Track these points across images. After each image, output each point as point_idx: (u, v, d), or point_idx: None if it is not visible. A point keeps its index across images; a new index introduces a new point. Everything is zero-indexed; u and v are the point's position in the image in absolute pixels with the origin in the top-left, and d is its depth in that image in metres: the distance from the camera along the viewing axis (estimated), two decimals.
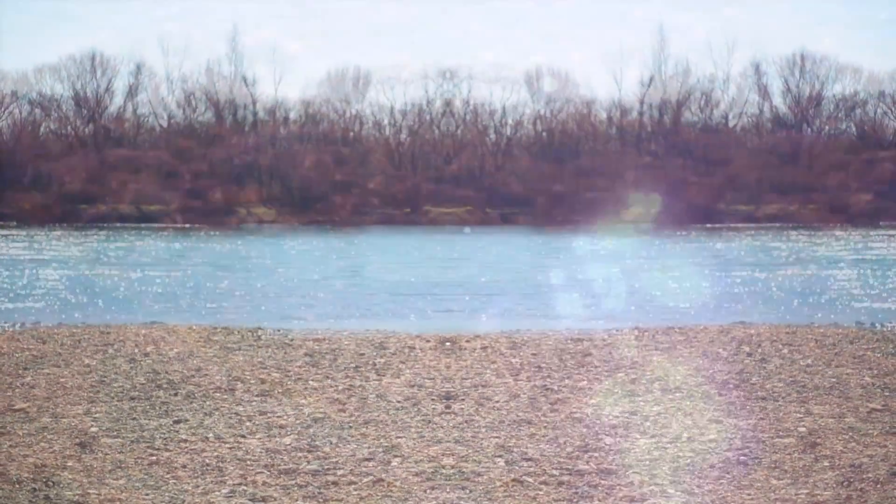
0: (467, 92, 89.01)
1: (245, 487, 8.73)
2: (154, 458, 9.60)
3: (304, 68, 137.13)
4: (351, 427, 10.85)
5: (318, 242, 58.16)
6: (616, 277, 34.14)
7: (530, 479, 8.94)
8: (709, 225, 79.64)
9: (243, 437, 10.44)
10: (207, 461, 9.49)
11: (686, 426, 10.87)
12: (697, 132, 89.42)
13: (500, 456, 9.68)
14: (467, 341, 17.06)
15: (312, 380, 13.63)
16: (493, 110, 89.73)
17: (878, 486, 8.73)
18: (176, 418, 11.26)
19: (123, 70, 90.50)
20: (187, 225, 79.73)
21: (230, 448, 9.97)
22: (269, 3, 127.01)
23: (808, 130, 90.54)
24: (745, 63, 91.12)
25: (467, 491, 8.66)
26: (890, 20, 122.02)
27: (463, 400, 12.24)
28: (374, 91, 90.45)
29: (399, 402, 12.15)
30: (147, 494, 8.52)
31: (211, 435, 10.49)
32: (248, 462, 9.48)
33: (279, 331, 19.04)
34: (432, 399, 12.29)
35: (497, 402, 12.15)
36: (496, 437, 10.39)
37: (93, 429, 10.72)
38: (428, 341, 17.07)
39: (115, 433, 10.55)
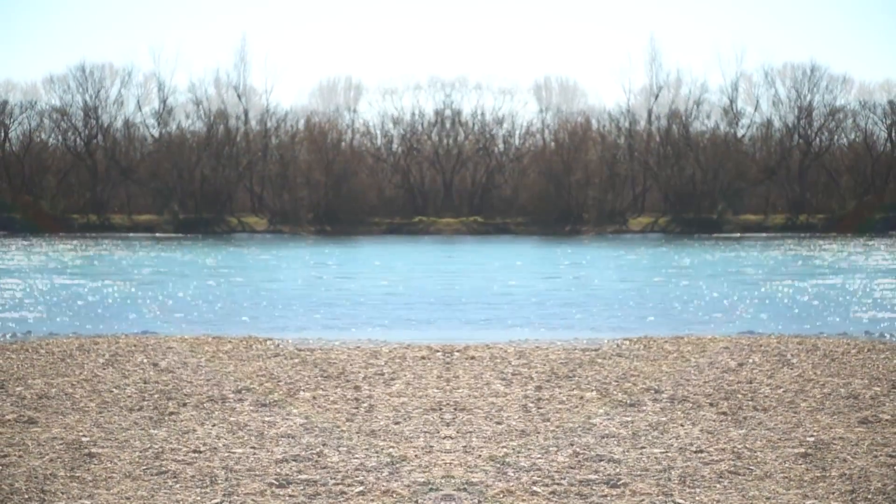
0: (474, 102, 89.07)
1: (240, 498, 8.62)
2: (149, 468, 9.49)
3: (297, 77, 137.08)
4: (351, 437, 10.74)
5: (314, 252, 58.05)
6: (624, 286, 34.09)
7: (535, 489, 8.84)
8: (717, 234, 79.68)
9: (239, 447, 10.32)
10: (203, 471, 9.38)
11: (693, 436, 10.77)
12: (705, 141, 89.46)
13: (502, 466, 9.58)
14: (475, 351, 16.96)
15: (307, 389, 13.52)
16: (498, 119, 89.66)
17: (886, 496, 8.65)
18: (170, 428, 11.14)
19: (119, 80, 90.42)
20: (178, 235, 79.64)
21: (225, 458, 9.86)
22: (264, 13, 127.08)
23: (813, 140, 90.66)
24: (750, 73, 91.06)
25: (470, 501, 8.56)
26: (881, 31, 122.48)
27: (468, 410, 12.13)
28: (377, 99, 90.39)
29: (401, 411, 12.04)
30: None
31: (206, 445, 10.37)
32: (244, 472, 9.37)
33: (271, 340, 18.94)
34: (435, 409, 12.19)
35: (502, 412, 12.05)
36: (500, 447, 10.29)
37: (86, 439, 10.61)
38: (434, 351, 16.96)
39: (109, 443, 10.43)
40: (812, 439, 10.61)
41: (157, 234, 79.70)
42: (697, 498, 8.61)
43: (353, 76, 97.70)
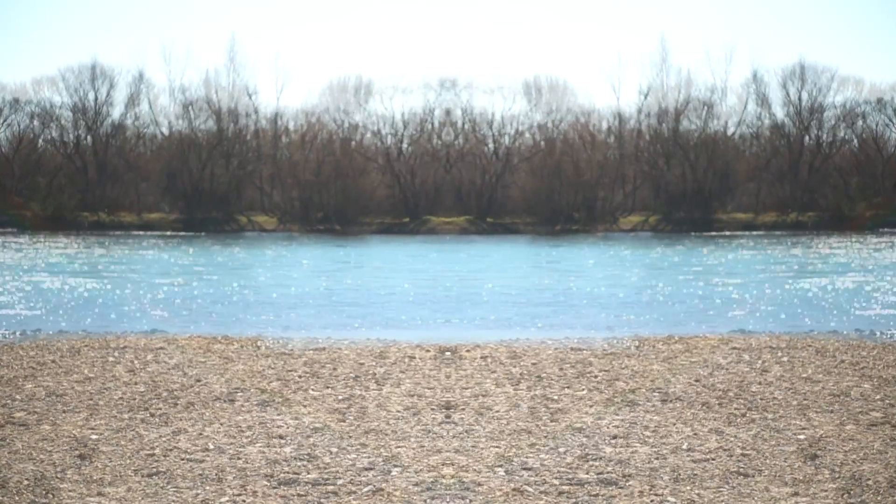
0: (467, 101, 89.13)
1: (245, 497, 8.70)
2: (154, 467, 9.58)
3: (306, 77, 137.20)
4: (351, 437, 10.83)
5: (319, 251, 58.12)
6: (616, 286, 34.10)
7: (530, 489, 8.92)
8: (707, 233, 79.62)
9: (243, 446, 10.41)
10: (207, 471, 9.47)
11: (686, 436, 10.84)
12: (696, 141, 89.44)
13: (499, 466, 9.66)
14: (467, 351, 17.03)
15: (312, 389, 13.60)
16: (493, 120, 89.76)
17: (879, 496, 8.70)
18: (176, 428, 11.23)
19: (123, 80, 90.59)
20: (187, 233, 79.78)
21: (230, 458, 9.95)
22: (272, 12, 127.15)
23: (808, 140, 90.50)
24: (746, 72, 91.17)
25: (467, 501, 8.65)
26: (891, 31, 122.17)
27: (463, 409, 12.22)
28: (374, 100, 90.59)
29: (399, 411, 12.13)
30: None
31: (211, 445, 10.46)
32: (248, 472, 9.46)
33: (279, 340, 19.01)
34: (432, 409, 12.27)
35: (497, 411, 12.13)
36: (496, 447, 10.37)
37: (93, 438, 10.70)
38: (428, 351, 17.05)
39: (114, 443, 10.52)
40: (810, 438, 10.66)
41: (167, 233, 79.86)
42: (696, 498, 8.67)
43: (363, 76, 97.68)
